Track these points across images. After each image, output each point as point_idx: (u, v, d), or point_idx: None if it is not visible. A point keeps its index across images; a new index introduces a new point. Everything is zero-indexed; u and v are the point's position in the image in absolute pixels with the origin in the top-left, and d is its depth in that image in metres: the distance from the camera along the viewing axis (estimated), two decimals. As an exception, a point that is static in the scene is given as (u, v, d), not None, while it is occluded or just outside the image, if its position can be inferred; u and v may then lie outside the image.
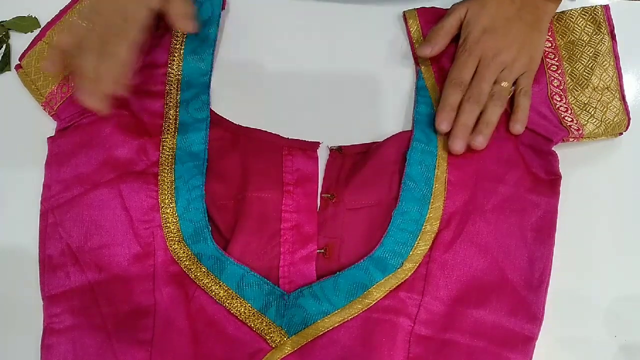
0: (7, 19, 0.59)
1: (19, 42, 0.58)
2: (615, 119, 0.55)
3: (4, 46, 0.59)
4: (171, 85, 0.55)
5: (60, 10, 0.57)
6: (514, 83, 0.54)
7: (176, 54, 0.56)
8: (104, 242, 0.50)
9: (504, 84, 0.53)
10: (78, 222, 0.51)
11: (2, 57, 0.58)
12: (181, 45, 0.56)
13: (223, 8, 0.58)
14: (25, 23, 0.59)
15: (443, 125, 0.52)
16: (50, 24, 0.57)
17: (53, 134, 0.55)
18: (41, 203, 0.53)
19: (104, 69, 0.47)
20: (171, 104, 0.54)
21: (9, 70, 0.58)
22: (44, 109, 0.55)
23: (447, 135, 0.53)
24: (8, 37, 0.59)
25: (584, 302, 0.53)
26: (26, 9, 0.59)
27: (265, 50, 0.59)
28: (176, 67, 0.56)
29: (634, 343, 0.52)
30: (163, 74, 0.55)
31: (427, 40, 0.56)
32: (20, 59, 0.57)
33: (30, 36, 0.58)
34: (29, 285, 0.52)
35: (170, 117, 0.54)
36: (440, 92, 0.55)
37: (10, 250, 0.54)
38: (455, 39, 0.57)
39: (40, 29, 0.58)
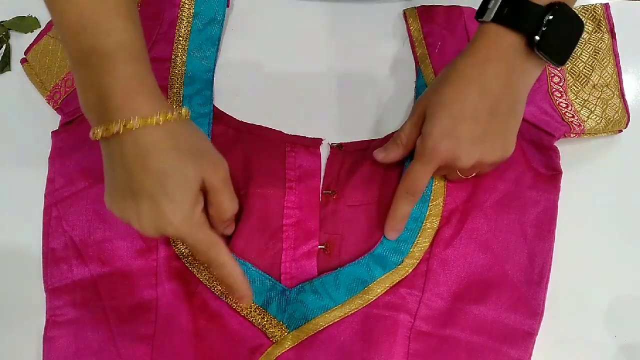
0: (7, 19, 0.60)
1: (19, 42, 0.59)
2: (615, 116, 0.55)
3: (4, 46, 0.59)
4: (174, 79, 0.55)
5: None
6: None
7: (180, 49, 0.56)
8: (107, 236, 0.50)
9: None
10: (82, 216, 0.51)
11: (2, 57, 0.59)
12: (185, 41, 0.57)
13: (227, 6, 0.59)
14: (25, 23, 0.60)
15: (391, 235, 0.50)
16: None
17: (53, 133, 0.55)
18: (45, 197, 0.53)
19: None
20: (174, 98, 0.55)
21: (9, 70, 0.59)
22: (48, 103, 0.55)
23: None
24: (8, 37, 0.60)
25: (584, 302, 0.53)
26: (26, 9, 0.60)
27: (268, 48, 0.59)
28: (180, 62, 0.56)
29: (634, 343, 0.52)
30: (166, 68, 0.56)
31: (385, 147, 0.52)
32: (25, 53, 0.57)
33: (30, 36, 0.58)
34: (31, 280, 0.52)
35: None
36: None
37: (13, 244, 0.54)
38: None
39: (40, 29, 0.59)
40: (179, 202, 0.42)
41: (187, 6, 0.58)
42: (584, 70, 0.56)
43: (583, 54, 0.56)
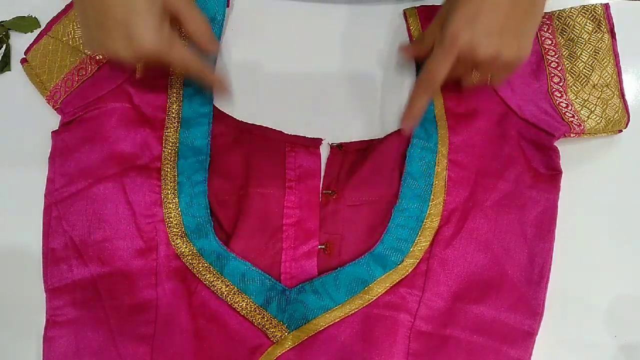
0: (7, 19, 0.60)
1: (19, 42, 0.59)
2: (615, 116, 0.55)
3: (4, 46, 0.59)
4: (174, 79, 0.55)
5: (65, 5, 0.57)
6: None
7: None
8: (107, 236, 0.50)
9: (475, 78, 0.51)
10: (81, 216, 0.51)
11: (2, 57, 0.59)
12: (185, 41, 0.57)
13: (227, 6, 0.59)
14: (25, 23, 0.59)
15: (407, 125, 0.53)
16: (57, 18, 0.57)
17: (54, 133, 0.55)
18: (45, 197, 0.53)
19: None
20: (174, 98, 0.54)
21: (9, 70, 0.59)
22: (48, 103, 0.55)
23: (446, 133, 0.53)
24: (8, 37, 0.59)
25: (584, 302, 0.53)
26: (26, 9, 0.60)
27: (268, 48, 0.59)
28: (179, 62, 0.56)
29: (634, 343, 0.52)
30: (166, 67, 0.56)
31: (410, 43, 0.57)
32: (25, 53, 0.57)
33: (30, 36, 0.58)
34: (31, 280, 0.52)
35: (173, 111, 0.54)
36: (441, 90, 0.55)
37: (13, 244, 0.54)
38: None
39: (40, 29, 0.59)
40: (146, 17, 0.45)
41: (187, 6, 0.58)
42: (584, 70, 0.56)
43: (583, 54, 0.56)
